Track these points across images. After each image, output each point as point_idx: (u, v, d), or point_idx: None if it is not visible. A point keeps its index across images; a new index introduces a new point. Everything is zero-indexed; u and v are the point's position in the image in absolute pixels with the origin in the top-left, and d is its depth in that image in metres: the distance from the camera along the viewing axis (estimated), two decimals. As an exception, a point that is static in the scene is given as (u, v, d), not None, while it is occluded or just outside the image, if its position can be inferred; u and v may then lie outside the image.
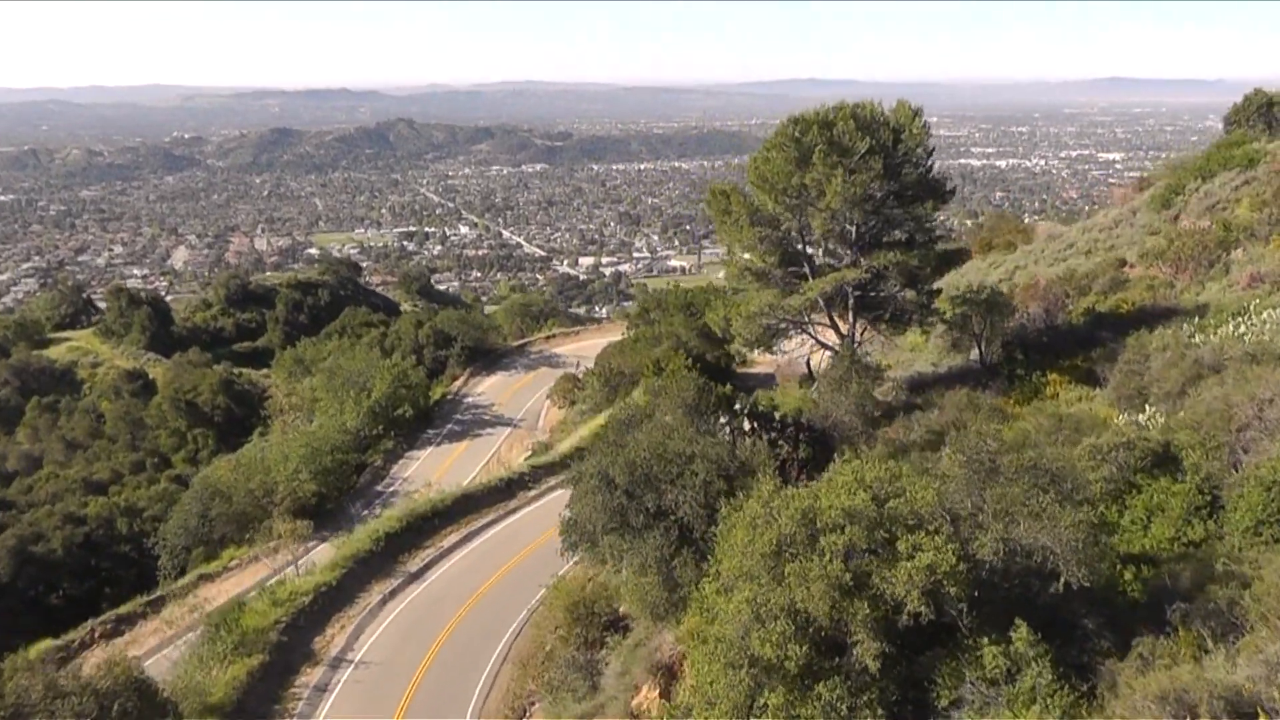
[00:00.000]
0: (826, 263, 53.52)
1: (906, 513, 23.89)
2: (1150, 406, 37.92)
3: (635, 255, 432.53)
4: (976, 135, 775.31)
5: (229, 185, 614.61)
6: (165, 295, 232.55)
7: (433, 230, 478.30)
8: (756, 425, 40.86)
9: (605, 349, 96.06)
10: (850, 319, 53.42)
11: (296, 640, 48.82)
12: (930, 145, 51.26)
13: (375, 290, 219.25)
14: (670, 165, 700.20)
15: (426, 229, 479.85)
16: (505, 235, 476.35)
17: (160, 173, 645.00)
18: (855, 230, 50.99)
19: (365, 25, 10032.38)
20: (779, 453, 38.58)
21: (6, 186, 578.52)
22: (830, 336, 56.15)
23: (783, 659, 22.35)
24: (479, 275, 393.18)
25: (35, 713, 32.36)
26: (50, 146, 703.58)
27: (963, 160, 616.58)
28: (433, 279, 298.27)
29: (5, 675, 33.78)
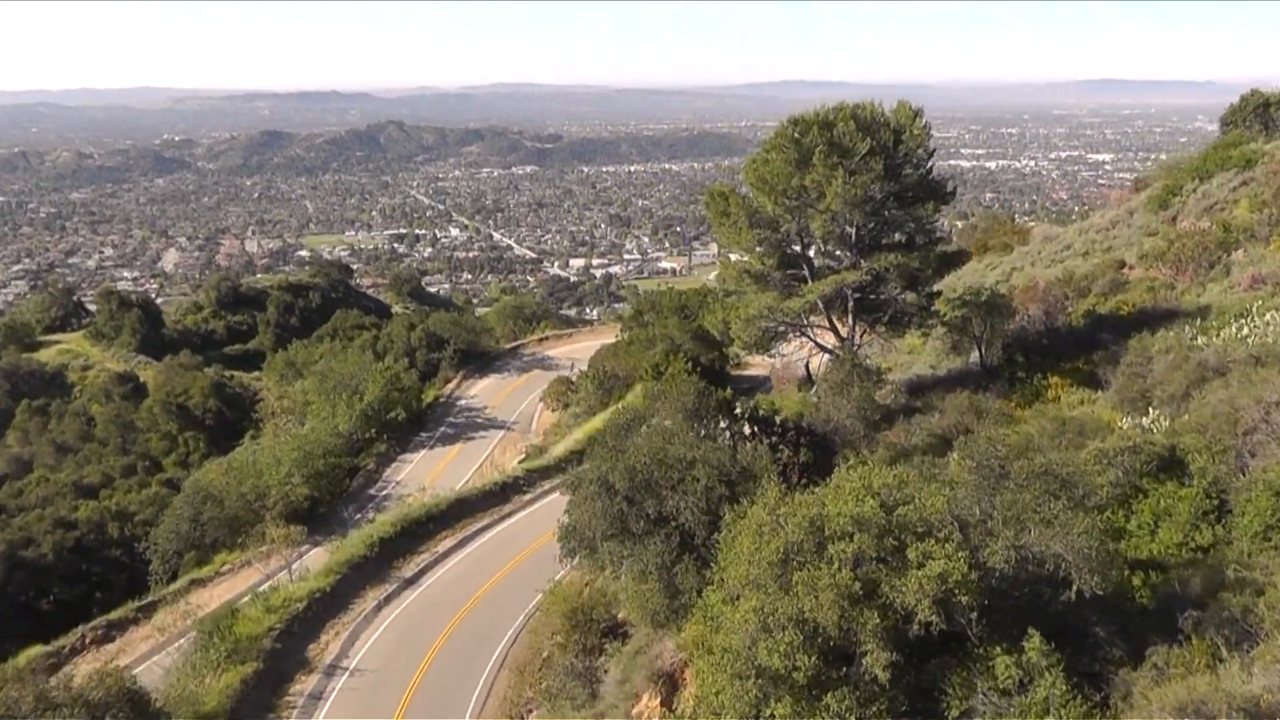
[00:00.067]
0: (826, 265, 53.08)
1: (916, 520, 23.44)
2: (1154, 409, 37.46)
3: (626, 257, 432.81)
4: (966, 136, 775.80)
5: (219, 188, 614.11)
6: (156, 298, 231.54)
7: (423, 232, 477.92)
8: (757, 429, 40.43)
9: (599, 351, 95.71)
10: (850, 322, 52.97)
11: (291, 647, 48.24)
12: (931, 146, 50.85)
13: (366, 292, 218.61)
14: (660, 167, 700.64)
15: (417, 231, 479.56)
16: (496, 237, 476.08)
17: (150, 175, 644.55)
18: (855, 232, 50.56)
19: (356, 28, 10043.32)
20: (779, 457, 38.15)
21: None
22: (829, 339, 55.73)
23: (791, 669, 21.92)
24: (469, 277, 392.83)
25: (27, 724, 31.92)
26: (40, 149, 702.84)
27: (953, 161, 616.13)
28: (423, 281, 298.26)
29: (-4, 685, 33.35)
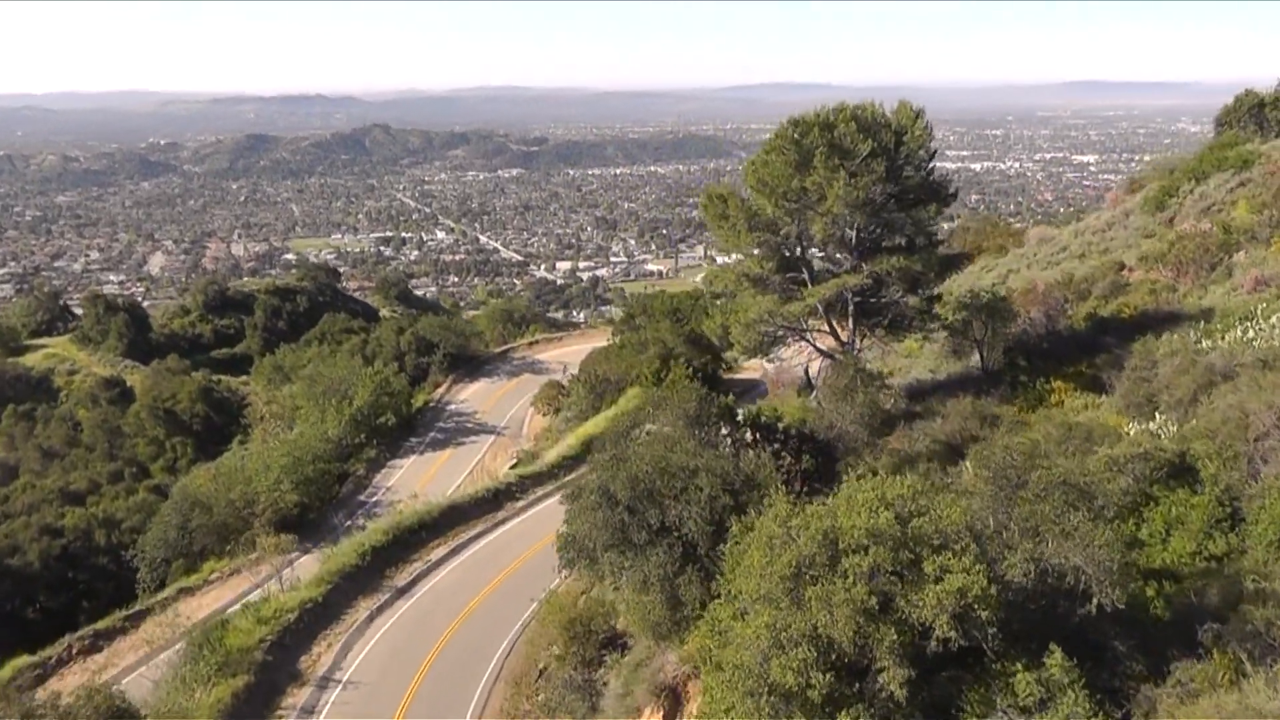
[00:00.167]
0: (825, 268, 52.50)
1: (932, 532, 22.78)
2: (1160, 414, 36.92)
3: (612, 260, 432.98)
4: (951, 138, 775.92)
5: (205, 191, 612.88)
6: (142, 301, 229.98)
7: (409, 235, 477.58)
8: (759, 436, 39.79)
9: (590, 355, 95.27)
10: (850, 325, 52.36)
11: (282, 659, 47.46)
12: (932, 148, 50.34)
13: (354, 296, 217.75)
14: (646, 170, 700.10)
15: (403, 234, 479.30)
16: (482, 240, 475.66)
17: (136, 178, 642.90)
18: (855, 235, 49.96)
19: (341, 31, 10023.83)
20: (781, 464, 37.49)
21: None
22: (827, 343, 55.10)
23: (805, 687, 21.31)
24: (456, 280, 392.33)
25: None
26: (26, 152, 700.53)
27: (938, 163, 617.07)
28: (410, 284, 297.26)
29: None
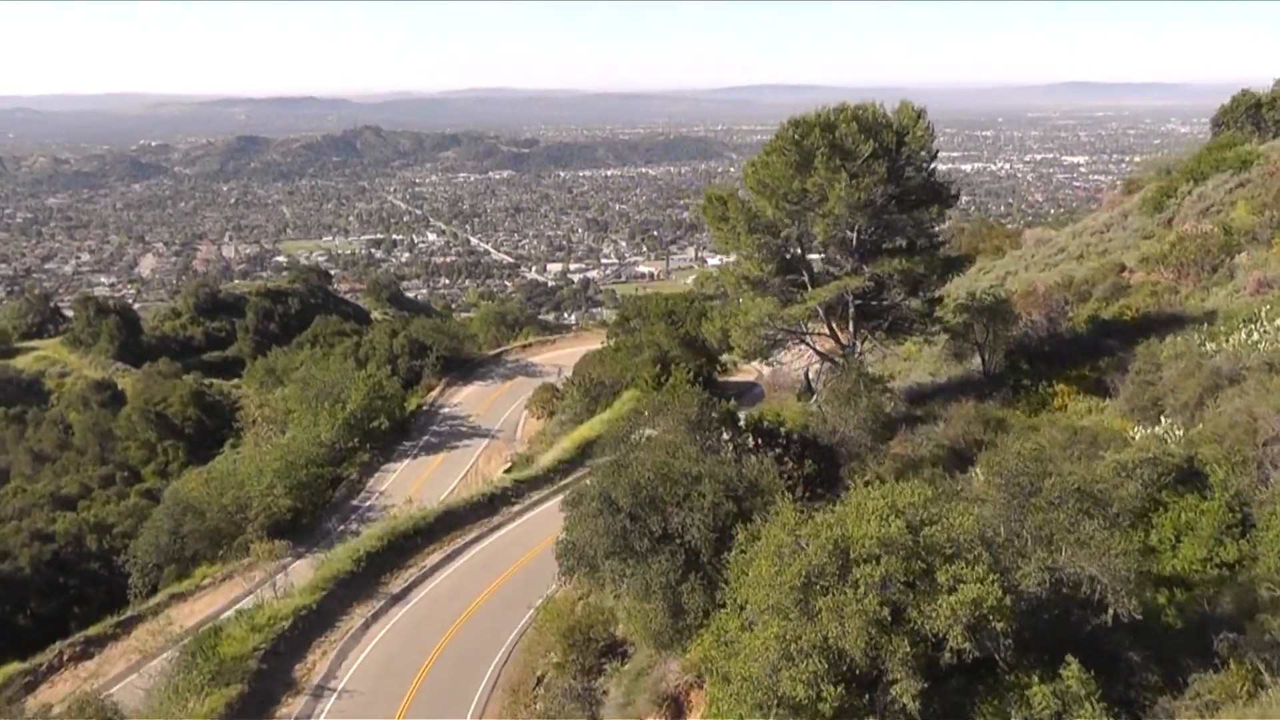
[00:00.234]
0: (826, 270, 52.04)
1: (944, 541, 22.33)
2: (1166, 418, 36.43)
3: (603, 261, 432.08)
4: (941, 139, 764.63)
5: (196, 193, 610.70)
6: (133, 304, 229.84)
7: (400, 237, 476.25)
8: (761, 441, 39.30)
9: (584, 358, 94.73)
10: (850, 328, 51.87)
11: (277, 668, 46.72)
12: (934, 148, 49.89)
13: (345, 298, 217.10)
14: (637, 171, 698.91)
15: (394, 236, 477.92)
16: (473, 242, 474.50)
17: (127, 180, 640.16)
18: (856, 237, 49.47)
19: (332, 33, 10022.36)
20: (784, 469, 37.00)
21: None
22: (827, 346, 54.62)
23: (815, 699, 20.92)
24: (447, 282, 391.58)
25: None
26: (16, 154, 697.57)
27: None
28: (401, 286, 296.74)
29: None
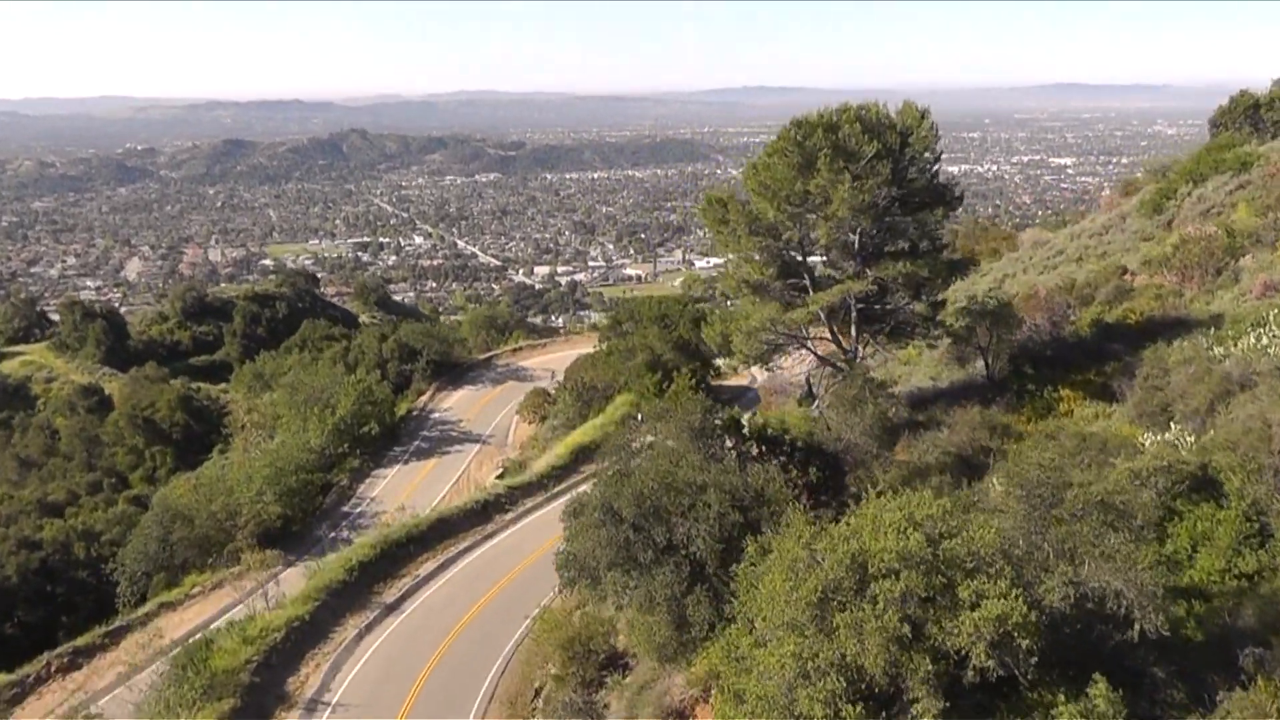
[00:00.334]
0: (827, 274, 51.38)
1: (964, 554, 21.65)
2: (1175, 425, 35.82)
3: (590, 264, 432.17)
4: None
5: (182, 196, 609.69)
6: (119, 307, 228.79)
7: (387, 241, 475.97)
8: (765, 449, 38.62)
9: (575, 362, 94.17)
10: (853, 332, 51.20)
11: (269, 681, 45.96)
12: (938, 149, 49.26)
13: (333, 302, 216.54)
14: (623, 173, 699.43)
15: (381, 239, 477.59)
16: (460, 245, 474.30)
17: (113, 184, 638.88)
18: (858, 239, 48.80)
19: (318, 36, 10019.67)
20: (788, 477, 36.32)
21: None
22: (827, 350, 54.02)
23: (834, 718, 20.21)
24: (434, 285, 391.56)
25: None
26: (1, 158, 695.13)
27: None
28: (388, 289, 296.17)
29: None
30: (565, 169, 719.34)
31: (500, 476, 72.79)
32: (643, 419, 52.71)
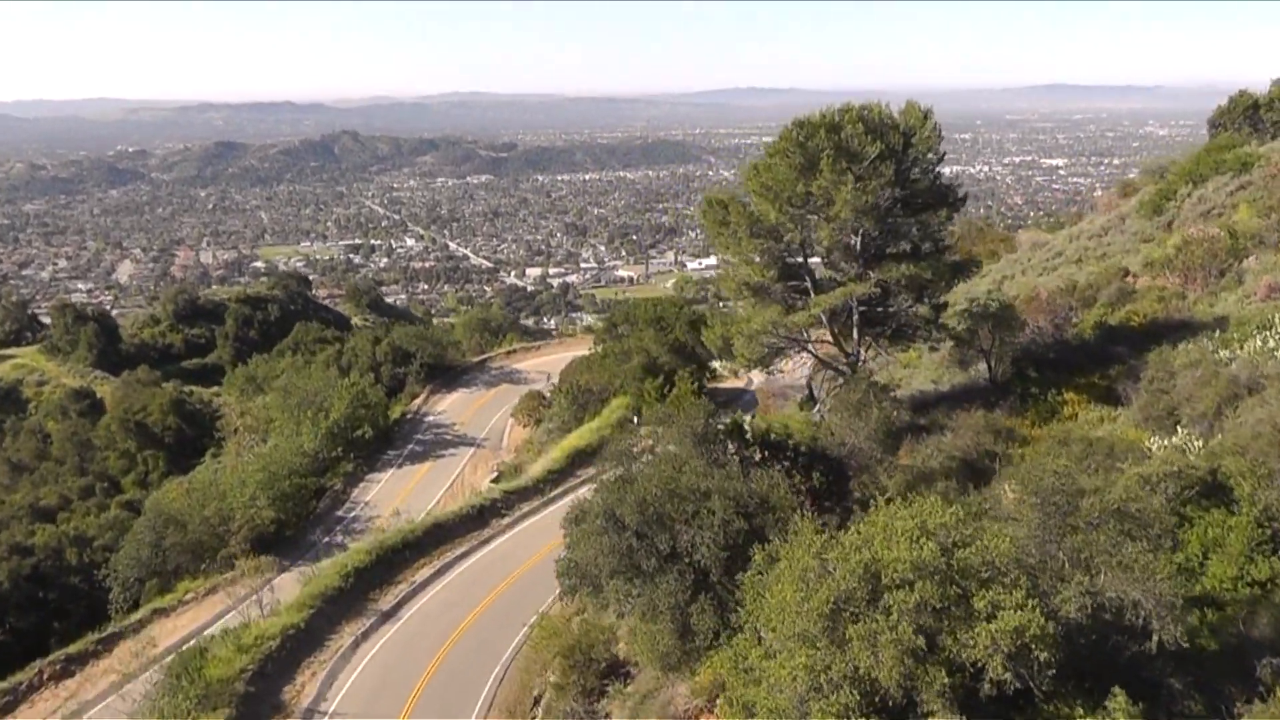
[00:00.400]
0: (829, 276, 50.84)
1: (979, 564, 21.16)
2: (1182, 429, 35.37)
3: (583, 266, 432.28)
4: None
5: (173, 199, 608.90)
6: (111, 310, 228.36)
7: (379, 243, 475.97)
8: (768, 454, 38.09)
9: (570, 364, 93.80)
10: (855, 335, 50.69)
11: (265, 690, 45.46)
12: (941, 150, 48.70)
13: (325, 304, 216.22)
14: (615, 175, 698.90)
15: (372, 241, 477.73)
16: (451, 247, 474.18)
17: (104, 186, 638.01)
18: (860, 241, 48.29)
19: (309, 38, 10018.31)
20: (791, 482, 35.80)
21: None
22: (828, 353, 53.53)
23: (847, 733, 19.72)
24: (426, 287, 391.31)
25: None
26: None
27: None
28: (380, 292, 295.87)
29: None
30: (557, 170, 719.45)
31: (496, 481, 72.47)
32: (639, 422, 52.26)
